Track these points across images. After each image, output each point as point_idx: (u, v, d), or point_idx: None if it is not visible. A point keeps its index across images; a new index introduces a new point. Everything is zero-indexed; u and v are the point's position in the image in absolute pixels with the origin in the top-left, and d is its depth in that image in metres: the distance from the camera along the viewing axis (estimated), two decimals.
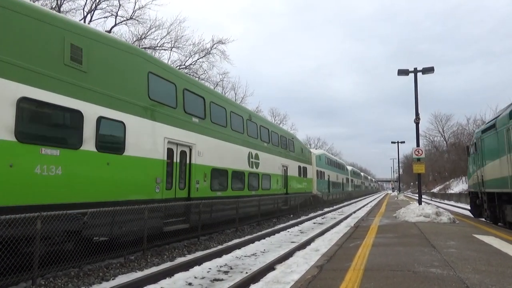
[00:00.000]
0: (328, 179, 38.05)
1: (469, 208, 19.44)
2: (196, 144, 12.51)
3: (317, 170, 32.52)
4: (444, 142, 76.69)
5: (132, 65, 9.89)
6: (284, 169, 23.02)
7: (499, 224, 13.93)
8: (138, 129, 9.73)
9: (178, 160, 11.65)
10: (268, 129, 20.62)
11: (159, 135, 10.62)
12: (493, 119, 14.51)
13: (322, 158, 36.13)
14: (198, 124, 12.78)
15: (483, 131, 15.20)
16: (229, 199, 14.56)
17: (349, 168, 62.12)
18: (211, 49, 34.14)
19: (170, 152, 11.24)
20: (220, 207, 13.95)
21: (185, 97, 12.18)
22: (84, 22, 25.21)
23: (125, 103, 9.36)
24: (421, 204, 16.50)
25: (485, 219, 15.72)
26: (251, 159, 17.33)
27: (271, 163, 20.25)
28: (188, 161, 12.15)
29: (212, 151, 13.58)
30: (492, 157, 13.69)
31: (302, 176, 27.12)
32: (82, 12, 26.38)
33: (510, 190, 11.65)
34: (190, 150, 12.26)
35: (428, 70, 17.37)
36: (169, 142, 11.11)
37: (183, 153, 11.96)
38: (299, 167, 26.57)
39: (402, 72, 17.72)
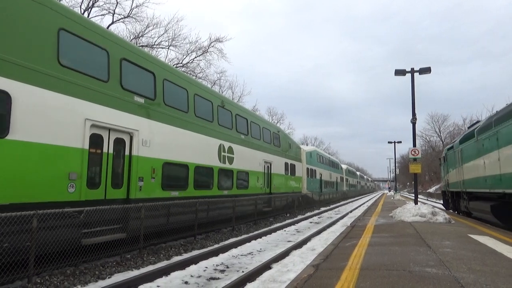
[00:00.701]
0: (320, 177, 36.22)
1: (441, 202, 26.51)
2: (140, 130, 10.05)
3: (307, 168, 30.64)
4: (441, 142, 77.03)
5: (29, 15, 7.32)
6: (267, 166, 20.57)
7: (460, 213, 19.17)
8: (36, 104, 7.21)
9: (111, 151, 9.21)
10: (246, 119, 18.05)
11: (76, 115, 8.08)
12: (453, 142, 21.43)
13: (314, 155, 34.16)
14: (143, 105, 10.33)
15: (448, 149, 22.08)
16: (189, 200, 11.94)
17: (344, 166, 60.39)
18: (208, 48, 34.11)
19: (96, 139, 8.72)
20: (176, 210, 11.21)
21: (123, 69, 9.71)
22: None
23: (13, 66, 6.84)
24: (417, 204, 16.57)
25: (451, 210, 21.43)
26: (222, 153, 14.83)
27: (249, 159, 17.76)
28: (127, 152, 9.72)
29: (165, 141, 11.15)
30: (452, 167, 20.12)
31: (289, 174, 24.92)
32: (79, 10, 26.26)
33: (460, 189, 18.22)
34: (131, 138, 9.81)
35: (425, 70, 17.46)
36: (93, 125, 8.55)
37: (119, 142, 9.49)
38: (286, 164, 24.32)
39: (399, 72, 17.80)
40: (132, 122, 9.80)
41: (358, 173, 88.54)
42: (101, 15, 28.29)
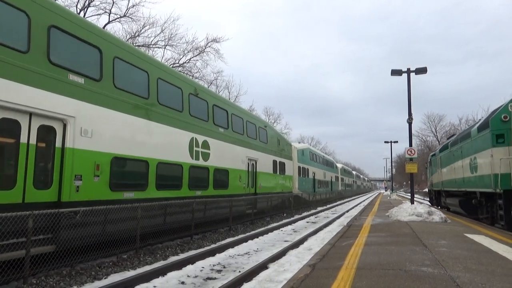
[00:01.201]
0: (314, 177, 34.45)
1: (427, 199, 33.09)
2: (78, 117, 8.19)
3: (299, 167, 28.84)
4: (437, 142, 77.33)
5: None
6: (252, 164, 18.81)
7: (440, 207, 22.25)
8: None
9: (35, 141, 7.38)
10: (226, 111, 16.18)
11: None
12: (435, 150, 27.78)
13: (306, 153, 32.26)
14: (83, 86, 8.45)
15: (431, 156, 26.89)
16: (151, 203, 10.14)
17: (339, 165, 58.95)
18: (205, 48, 34.06)
19: (7, 125, 6.91)
20: (128, 215, 9.12)
21: (53, 39, 7.84)
22: None
23: None
24: (413, 203, 16.63)
25: (435, 205, 24.59)
26: (195, 148, 13.01)
27: (230, 155, 15.99)
28: (59, 144, 7.90)
29: (116, 132, 9.32)
30: (434, 171, 24.86)
31: (278, 172, 23.14)
32: (75, 9, 26.16)
33: (440, 188, 22.51)
34: (64, 126, 7.97)
35: (421, 70, 17.51)
36: (3, 107, 6.75)
37: (46, 130, 7.64)
38: (275, 162, 22.51)
39: (395, 72, 17.84)
40: (66, 107, 7.91)
41: (354, 172, 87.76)
42: (97, 14, 28.20)
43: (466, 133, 16.89)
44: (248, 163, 18.20)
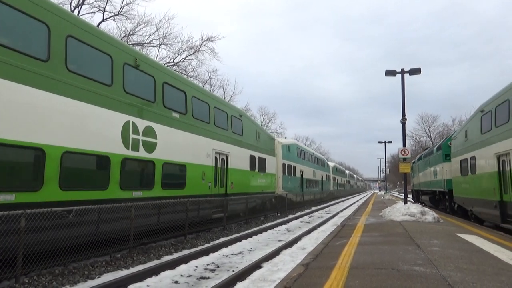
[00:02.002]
0: (302, 175, 31.71)
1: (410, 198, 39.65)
2: None
3: (284, 164, 26.22)
4: (431, 142, 77.86)
5: None
6: (222, 159, 15.73)
7: (419, 203, 24.85)
8: None
9: None
10: (184, 92, 13.02)
11: None
12: (415, 159, 35.99)
13: (293, 149, 29.23)
14: None
15: (413, 162, 35.46)
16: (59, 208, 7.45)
17: (331, 164, 55.85)
18: (200, 47, 33.94)
19: None
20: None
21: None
22: None
23: None
24: (406, 203, 16.74)
25: (417, 202, 28.35)
26: (132, 136, 10.10)
27: (188, 147, 12.92)
28: None
29: None
30: (415, 174, 34.58)
31: (257, 170, 19.87)
32: (69, 7, 25.99)
33: (418, 188, 32.40)
34: None
35: (415, 71, 17.62)
36: None
37: None
38: (253, 157, 19.21)
39: (390, 73, 17.94)
40: None
41: (347, 171, 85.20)
42: (92, 12, 28.01)
43: (431, 150, 26.55)
44: (216, 158, 15.06)
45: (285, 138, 38.31)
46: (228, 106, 17.51)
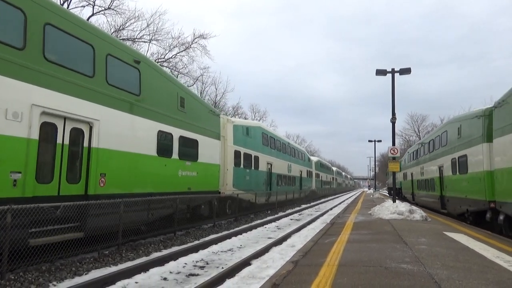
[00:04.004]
0: (269, 169, 25.04)
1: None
2: None
3: (236, 152, 19.26)
4: None
5: None
6: (76, 134, 8.51)
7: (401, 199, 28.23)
8: None
9: None
10: None
11: None
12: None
13: (255, 134, 22.39)
14: None
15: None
16: None
17: (314, 158, 47.86)
18: (191, 43, 33.67)
19: None
20: None
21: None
22: None
23: None
24: (395, 202, 16.91)
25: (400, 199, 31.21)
26: None
27: None
28: None
29: None
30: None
31: (179, 157, 12.60)
32: (58, 0, 25.56)
33: (399, 187, 38.09)
34: None
35: (405, 71, 17.78)
36: None
37: None
38: (165, 134, 11.84)
39: (380, 72, 18.06)
40: None
41: (334, 168, 74.87)
42: (81, 6, 27.56)
43: (404, 158, 35.95)
44: (54, 131, 8.01)
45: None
46: (97, 30, 9.73)
